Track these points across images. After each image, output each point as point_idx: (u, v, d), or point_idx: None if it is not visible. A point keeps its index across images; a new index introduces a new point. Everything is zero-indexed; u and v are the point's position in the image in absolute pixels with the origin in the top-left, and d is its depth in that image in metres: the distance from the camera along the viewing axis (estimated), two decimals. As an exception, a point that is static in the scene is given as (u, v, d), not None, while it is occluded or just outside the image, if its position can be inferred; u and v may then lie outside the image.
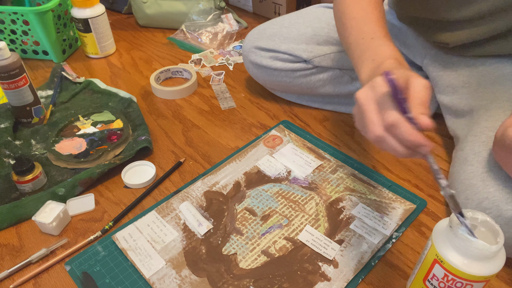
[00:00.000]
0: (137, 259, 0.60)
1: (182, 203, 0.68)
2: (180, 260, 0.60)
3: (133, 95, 0.95)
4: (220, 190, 0.71)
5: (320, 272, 0.58)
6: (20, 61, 0.78)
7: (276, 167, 0.75)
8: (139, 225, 0.65)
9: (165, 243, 0.62)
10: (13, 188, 0.71)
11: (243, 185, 0.71)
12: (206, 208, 0.67)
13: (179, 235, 0.63)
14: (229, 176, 0.73)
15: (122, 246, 0.62)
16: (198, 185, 0.71)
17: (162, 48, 1.17)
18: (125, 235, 0.63)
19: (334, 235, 0.63)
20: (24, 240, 0.64)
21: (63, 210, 0.64)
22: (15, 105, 0.82)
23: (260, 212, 0.67)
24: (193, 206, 0.67)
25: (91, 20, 1.05)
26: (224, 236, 0.63)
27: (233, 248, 0.61)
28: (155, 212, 0.67)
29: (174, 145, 0.82)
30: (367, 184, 0.71)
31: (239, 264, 0.59)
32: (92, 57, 1.12)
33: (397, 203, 0.67)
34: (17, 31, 1.04)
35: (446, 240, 0.46)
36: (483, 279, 0.44)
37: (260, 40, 0.83)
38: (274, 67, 0.83)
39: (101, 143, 0.80)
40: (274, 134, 0.83)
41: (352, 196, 0.69)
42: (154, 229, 0.64)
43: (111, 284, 0.57)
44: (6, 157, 0.75)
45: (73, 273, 0.59)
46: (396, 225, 0.64)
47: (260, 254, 0.60)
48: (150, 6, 1.21)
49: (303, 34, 0.81)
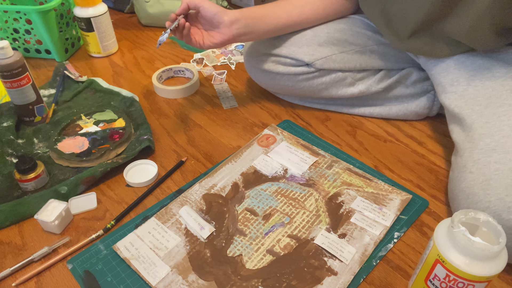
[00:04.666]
0: (141, 268, 0.59)
1: (182, 207, 0.67)
2: (186, 266, 0.59)
3: (135, 94, 0.95)
4: (219, 192, 0.70)
5: (327, 267, 0.58)
6: (22, 60, 0.79)
7: (272, 166, 0.75)
8: (139, 233, 0.63)
9: (168, 249, 0.61)
10: (15, 186, 0.71)
11: (241, 186, 0.71)
12: (207, 211, 0.67)
13: (182, 240, 0.62)
14: (226, 177, 0.73)
15: (125, 255, 0.60)
16: (196, 189, 0.71)
17: (165, 47, 1.17)
18: (126, 244, 0.62)
19: (336, 229, 0.63)
20: (27, 238, 0.64)
21: (65, 208, 0.64)
22: (18, 104, 0.82)
23: (261, 211, 0.67)
24: (193, 210, 0.67)
25: (93, 19, 1.05)
26: (228, 238, 0.63)
27: (238, 250, 0.61)
28: (155, 219, 0.65)
29: (176, 144, 0.82)
30: (362, 178, 0.72)
31: (245, 265, 0.59)
32: (94, 56, 1.12)
33: (393, 194, 0.68)
34: (20, 30, 1.04)
35: (448, 240, 0.46)
36: (485, 279, 0.44)
37: (261, 44, 0.83)
38: (276, 71, 0.83)
39: (103, 142, 0.80)
40: (267, 133, 0.83)
41: (349, 190, 0.69)
42: (155, 236, 0.63)
43: (113, 282, 0.57)
44: (8, 156, 0.76)
45: (75, 272, 0.59)
46: (395, 215, 0.65)
47: (265, 254, 0.61)
48: (152, 5, 1.22)
49: (303, 36, 0.81)
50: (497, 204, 0.52)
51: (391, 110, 0.85)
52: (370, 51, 0.82)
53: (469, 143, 0.62)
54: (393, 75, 0.84)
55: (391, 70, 0.85)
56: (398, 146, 0.81)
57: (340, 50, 0.81)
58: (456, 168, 0.62)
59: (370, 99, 0.86)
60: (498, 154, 0.56)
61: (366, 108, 0.87)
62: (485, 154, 0.58)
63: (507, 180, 0.53)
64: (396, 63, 0.84)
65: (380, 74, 0.83)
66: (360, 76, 0.83)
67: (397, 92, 0.84)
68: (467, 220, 0.46)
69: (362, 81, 0.83)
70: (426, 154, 0.78)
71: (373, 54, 0.82)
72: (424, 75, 0.84)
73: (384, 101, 0.86)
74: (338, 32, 0.81)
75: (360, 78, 0.83)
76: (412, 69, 0.84)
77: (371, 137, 0.83)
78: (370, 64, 0.83)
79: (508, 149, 0.56)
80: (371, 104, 0.86)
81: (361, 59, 0.82)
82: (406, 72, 0.84)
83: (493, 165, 0.56)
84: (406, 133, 0.84)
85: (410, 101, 0.85)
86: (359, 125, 0.86)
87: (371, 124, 0.86)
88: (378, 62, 0.83)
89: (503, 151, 0.56)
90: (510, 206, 0.51)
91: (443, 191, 0.70)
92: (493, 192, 0.53)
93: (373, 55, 0.82)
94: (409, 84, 0.84)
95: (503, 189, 0.52)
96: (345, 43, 0.81)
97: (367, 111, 0.87)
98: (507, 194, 0.52)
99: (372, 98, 0.85)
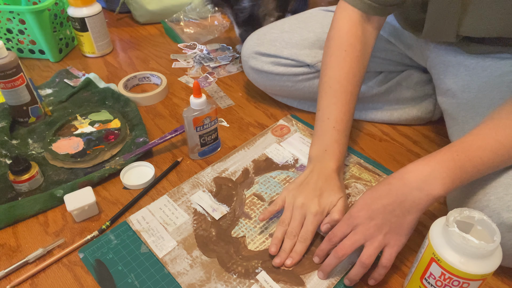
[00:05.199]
0: (150, 240, 0.63)
1: (194, 194, 0.70)
2: (191, 242, 0.62)
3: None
4: (229, 176, 0.73)
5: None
6: (17, 60, 0.78)
7: (284, 155, 0.77)
8: (151, 209, 0.67)
9: (176, 225, 0.65)
10: (9, 187, 0.70)
11: (252, 172, 0.74)
12: (216, 193, 0.70)
13: (190, 218, 0.66)
14: (238, 163, 0.76)
15: (136, 228, 0.64)
16: (208, 171, 0.74)
17: (159, 47, 1.16)
18: (138, 217, 0.66)
19: None
20: (21, 240, 0.64)
21: (91, 203, 0.65)
22: (12, 105, 0.82)
23: (268, 197, 0.69)
24: (206, 194, 0.69)
25: (87, 19, 1.04)
26: (233, 219, 0.66)
27: (242, 231, 0.64)
28: (167, 196, 0.70)
29: (172, 145, 0.81)
30: (372, 173, 0.73)
31: (247, 246, 0.62)
32: (89, 56, 1.12)
33: None
34: (13, 30, 1.03)
35: (443, 238, 0.46)
36: (480, 277, 0.44)
37: (260, 46, 0.82)
38: (276, 72, 0.82)
39: (98, 142, 0.80)
40: (282, 123, 0.85)
41: (357, 184, 0.71)
42: (166, 212, 0.67)
43: (124, 271, 0.59)
44: (2, 157, 0.75)
45: (86, 261, 0.60)
46: None
47: (268, 237, 0.63)
48: (150, 2, 1.21)
49: (306, 39, 0.80)
50: (496, 202, 0.52)
51: (393, 116, 0.84)
52: (372, 56, 0.80)
53: None
54: (394, 77, 0.83)
55: (392, 72, 0.85)
56: (393, 145, 0.81)
57: None
58: None
59: (371, 102, 0.85)
60: None
61: (368, 112, 0.86)
62: None
63: (506, 179, 0.53)
64: (398, 66, 0.84)
65: (381, 76, 0.83)
66: None
67: (398, 94, 0.84)
68: (462, 218, 0.47)
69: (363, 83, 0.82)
70: (421, 153, 0.79)
71: (374, 59, 0.82)
72: (425, 77, 0.84)
73: (385, 104, 0.85)
74: None
75: None
76: (412, 71, 0.84)
77: (367, 136, 0.83)
78: (371, 68, 0.82)
79: None
80: (372, 108, 0.86)
81: None
82: (407, 74, 0.83)
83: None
84: (401, 132, 0.84)
85: (412, 105, 0.84)
86: (355, 124, 0.86)
87: (366, 123, 0.86)
88: (380, 65, 0.83)
89: None
90: (510, 204, 0.51)
91: (438, 189, 0.70)
92: (492, 191, 0.53)
93: (374, 60, 0.82)
94: (410, 86, 0.83)
95: (502, 188, 0.53)
96: None
97: (368, 116, 0.86)
98: (506, 193, 0.52)
99: (373, 101, 0.85)
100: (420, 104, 0.84)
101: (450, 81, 0.72)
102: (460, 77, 0.70)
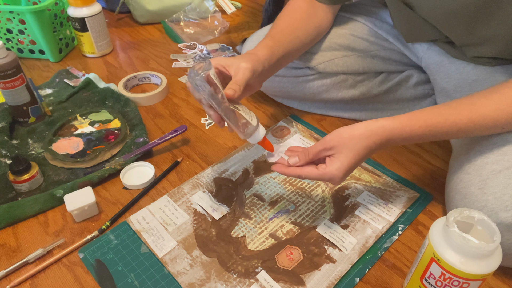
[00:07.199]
0: (150, 240, 0.63)
1: (194, 194, 0.70)
2: (191, 241, 0.62)
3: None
4: (229, 177, 0.73)
5: (326, 254, 0.60)
6: (17, 60, 0.78)
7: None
8: (151, 209, 0.68)
9: (176, 225, 0.65)
10: (9, 187, 0.70)
11: (252, 173, 0.74)
12: (216, 194, 0.70)
13: (190, 218, 0.66)
14: (238, 164, 0.76)
15: (136, 228, 0.64)
16: (208, 172, 0.74)
17: (159, 47, 1.16)
18: (138, 217, 0.66)
19: (340, 220, 0.65)
20: (21, 240, 0.64)
21: (91, 204, 0.65)
22: (12, 105, 0.82)
23: (268, 198, 0.69)
24: (206, 194, 0.70)
25: (87, 19, 1.04)
26: (233, 220, 0.66)
27: (242, 231, 0.64)
28: (167, 197, 0.70)
29: (172, 145, 0.82)
30: (372, 174, 0.73)
31: (247, 246, 0.62)
32: (89, 56, 1.12)
33: (401, 191, 0.69)
34: (13, 30, 1.03)
35: (443, 239, 0.46)
36: (480, 277, 0.44)
37: None
38: (276, 74, 0.82)
39: (98, 142, 0.80)
40: (282, 125, 0.85)
41: (357, 184, 0.71)
42: (166, 212, 0.67)
43: (124, 271, 0.59)
44: (2, 157, 0.75)
45: (86, 261, 0.60)
46: (400, 212, 0.66)
47: (268, 237, 0.63)
48: (150, 2, 1.21)
49: None
50: (494, 202, 0.52)
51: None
52: (372, 56, 0.81)
53: (466, 146, 0.63)
54: (394, 77, 0.83)
55: (392, 73, 0.85)
56: (393, 145, 0.81)
57: (343, 54, 0.80)
58: (453, 170, 0.63)
59: (371, 103, 0.85)
60: (495, 156, 0.57)
61: (368, 112, 0.86)
62: (482, 156, 0.58)
63: (504, 180, 0.53)
64: (398, 66, 0.84)
65: (381, 77, 0.83)
66: (361, 78, 0.82)
67: (398, 94, 0.84)
68: (462, 218, 0.47)
69: (363, 83, 0.82)
70: (421, 154, 0.79)
71: (375, 59, 0.82)
72: (425, 77, 0.84)
73: (385, 104, 0.85)
74: (340, 37, 0.80)
75: (361, 80, 0.82)
76: (413, 71, 0.84)
77: (367, 137, 0.83)
78: (372, 68, 0.82)
79: (506, 151, 0.56)
80: (372, 109, 0.86)
81: (364, 63, 0.81)
82: (407, 74, 0.83)
83: (490, 166, 0.56)
84: (401, 132, 0.84)
85: (412, 106, 0.84)
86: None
87: (366, 123, 0.86)
88: (380, 65, 0.83)
89: (501, 153, 0.56)
90: (507, 204, 0.51)
91: (438, 190, 0.70)
92: (490, 191, 0.53)
93: (375, 60, 0.82)
94: (410, 87, 0.83)
95: (500, 188, 0.53)
96: (347, 48, 0.80)
97: (368, 116, 0.86)
98: (504, 193, 0.52)
99: (373, 101, 0.85)
100: (420, 104, 0.84)
101: (443, 81, 0.72)
102: (451, 76, 0.71)
